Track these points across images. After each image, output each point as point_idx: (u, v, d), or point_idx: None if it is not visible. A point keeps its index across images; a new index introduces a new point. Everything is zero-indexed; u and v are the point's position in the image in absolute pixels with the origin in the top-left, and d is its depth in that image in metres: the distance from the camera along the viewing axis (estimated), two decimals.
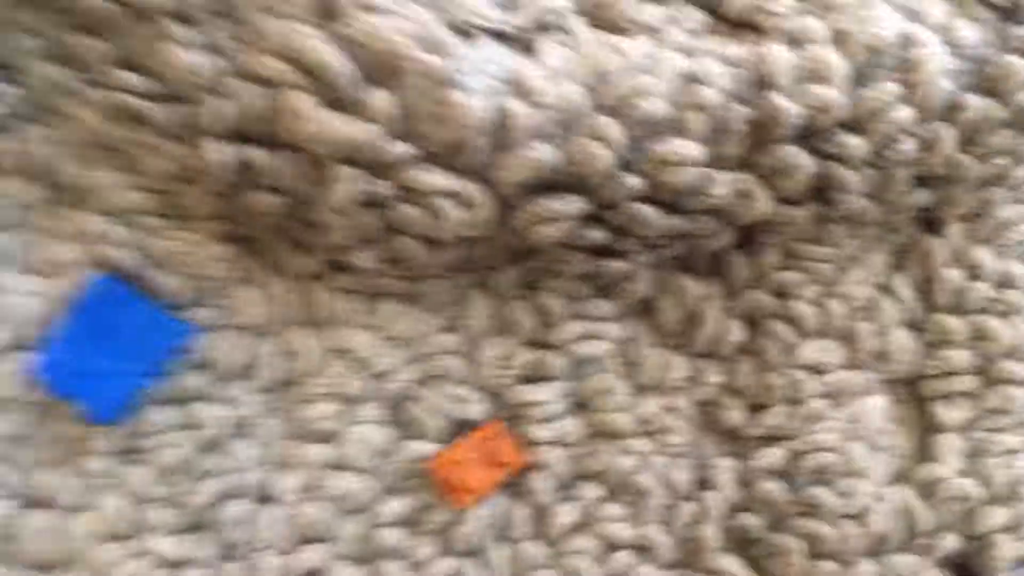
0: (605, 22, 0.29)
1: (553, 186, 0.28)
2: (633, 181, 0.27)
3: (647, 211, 0.28)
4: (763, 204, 0.29)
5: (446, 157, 0.27)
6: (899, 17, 0.29)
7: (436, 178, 0.27)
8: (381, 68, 0.27)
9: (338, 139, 0.27)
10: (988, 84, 0.29)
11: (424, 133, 0.27)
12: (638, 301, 0.32)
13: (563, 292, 0.31)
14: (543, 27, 0.29)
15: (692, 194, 0.28)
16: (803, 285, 0.32)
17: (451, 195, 0.28)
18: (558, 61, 0.28)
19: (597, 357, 0.32)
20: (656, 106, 0.27)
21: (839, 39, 0.28)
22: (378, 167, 0.27)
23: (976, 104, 0.29)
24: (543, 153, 0.27)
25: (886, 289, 0.33)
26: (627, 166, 0.27)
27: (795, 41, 0.28)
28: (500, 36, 0.29)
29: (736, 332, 0.32)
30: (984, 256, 0.32)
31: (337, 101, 0.27)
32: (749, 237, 0.31)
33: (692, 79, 0.28)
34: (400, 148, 0.27)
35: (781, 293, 0.32)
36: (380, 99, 0.27)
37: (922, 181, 0.30)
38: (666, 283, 0.32)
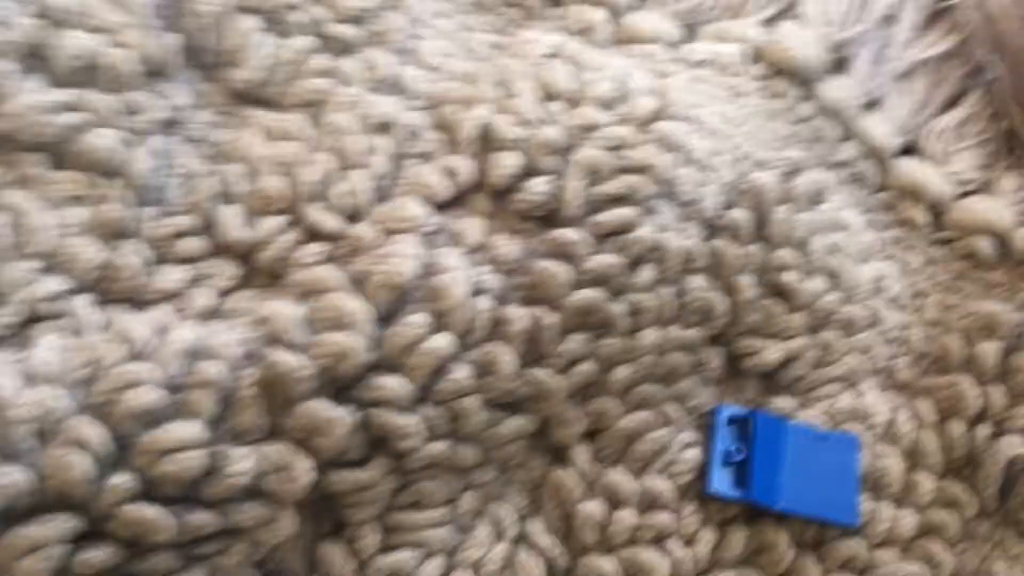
0: (119, 295, 0.27)
1: (35, 509, 0.23)
2: (123, 480, 0.23)
3: (149, 512, 0.23)
4: (304, 473, 0.24)
5: None
6: (426, 247, 0.27)
7: None
8: None
9: None
10: (531, 292, 0.27)
11: None
12: None
13: None
14: (38, 318, 0.26)
15: (205, 480, 0.24)
16: (419, 563, 0.27)
17: None
18: (52, 357, 0.24)
19: None
20: (151, 395, 0.24)
21: (357, 282, 0.26)
22: None
23: (522, 315, 0.27)
24: (11, 477, 0.23)
25: (523, 540, 0.28)
26: (116, 465, 0.23)
27: (311, 292, 0.26)
28: None
29: None
30: (619, 478, 0.28)
31: None
32: (338, 520, 0.27)
33: (197, 355, 0.25)
34: None
35: None
36: None
37: (509, 407, 0.27)
38: None
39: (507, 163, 0.28)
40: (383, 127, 0.29)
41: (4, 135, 0.27)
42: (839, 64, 0.34)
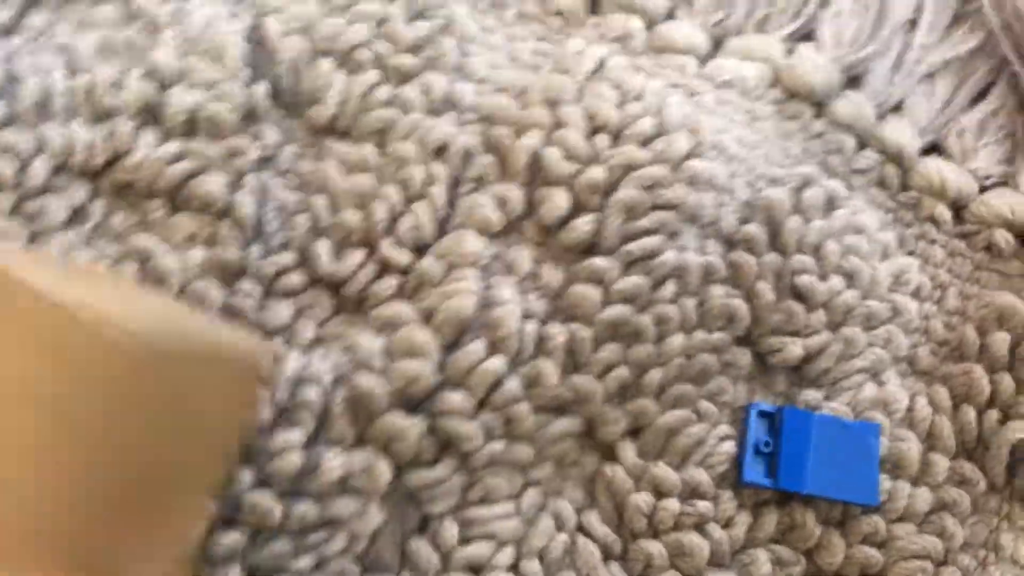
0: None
1: None
2: (246, 475, 0.29)
3: (262, 498, 0.29)
4: (384, 473, 0.30)
5: None
6: (484, 279, 0.32)
7: None
8: None
9: None
10: (568, 312, 0.32)
11: None
12: None
13: None
14: None
15: (306, 476, 0.29)
16: (493, 553, 0.31)
17: None
18: None
19: None
20: (266, 414, 0.30)
21: (426, 317, 0.31)
22: None
23: (560, 331, 0.31)
24: None
25: (582, 530, 0.32)
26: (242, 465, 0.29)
27: (388, 325, 0.32)
28: None
29: None
30: (662, 472, 0.32)
31: None
32: (422, 517, 0.31)
33: (301, 381, 0.30)
34: None
35: (473, 568, 0.31)
36: None
37: (556, 410, 0.32)
38: None
39: (557, 202, 0.33)
40: (440, 151, 0.33)
41: (127, 185, 0.33)
42: (853, 81, 0.37)
